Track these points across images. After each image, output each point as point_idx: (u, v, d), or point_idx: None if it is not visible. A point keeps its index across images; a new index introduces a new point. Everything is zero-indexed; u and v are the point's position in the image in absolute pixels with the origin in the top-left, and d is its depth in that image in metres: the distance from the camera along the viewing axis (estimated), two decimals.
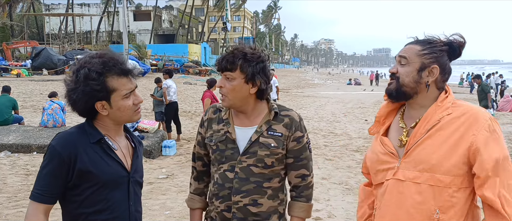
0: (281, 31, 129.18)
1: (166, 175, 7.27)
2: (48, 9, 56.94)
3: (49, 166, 1.71)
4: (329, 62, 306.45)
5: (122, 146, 1.88)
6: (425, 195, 1.68)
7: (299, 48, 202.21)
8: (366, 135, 11.64)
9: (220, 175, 2.05)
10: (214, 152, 2.06)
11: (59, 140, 1.75)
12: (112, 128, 1.84)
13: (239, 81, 1.96)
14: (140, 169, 1.95)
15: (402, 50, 1.82)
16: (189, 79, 33.17)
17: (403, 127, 1.83)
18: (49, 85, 22.66)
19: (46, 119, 9.88)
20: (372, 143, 2.00)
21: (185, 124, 12.46)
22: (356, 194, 6.27)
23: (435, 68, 1.75)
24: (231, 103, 2.01)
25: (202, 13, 73.40)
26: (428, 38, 1.80)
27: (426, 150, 1.69)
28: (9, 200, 5.76)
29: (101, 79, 1.73)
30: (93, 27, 49.81)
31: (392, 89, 1.81)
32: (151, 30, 54.61)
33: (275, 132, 2.03)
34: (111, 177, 1.77)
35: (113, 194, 1.79)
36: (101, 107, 1.77)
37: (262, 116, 2.06)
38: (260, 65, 1.97)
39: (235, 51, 1.97)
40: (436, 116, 1.72)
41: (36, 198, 1.72)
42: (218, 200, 2.05)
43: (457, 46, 1.79)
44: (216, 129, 2.08)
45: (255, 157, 2.00)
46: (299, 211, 2.12)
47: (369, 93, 31.02)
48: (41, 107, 13.28)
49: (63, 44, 43.51)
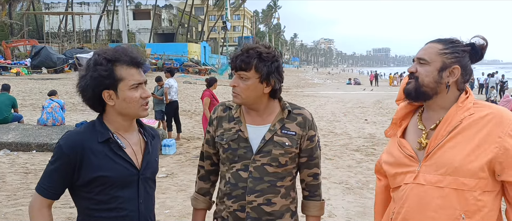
0: (280, 30, 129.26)
1: (165, 174, 7.26)
2: (47, 8, 56.93)
3: (56, 164, 1.72)
4: (328, 62, 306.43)
5: (133, 142, 1.84)
6: (448, 199, 1.62)
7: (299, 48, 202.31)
8: (366, 135, 11.63)
9: (232, 174, 2.01)
10: (226, 151, 2.01)
11: (67, 139, 1.74)
12: (122, 123, 1.81)
13: (253, 81, 1.93)
14: (152, 165, 1.90)
15: (423, 50, 1.75)
16: (188, 79, 33.16)
17: (422, 129, 1.76)
18: (48, 84, 22.64)
19: (45, 117, 9.86)
20: (388, 144, 1.93)
21: (184, 123, 12.44)
22: (357, 193, 6.27)
23: (457, 68, 1.69)
24: (243, 102, 1.99)
25: (201, 12, 73.37)
26: (450, 38, 1.74)
27: (449, 153, 1.63)
28: (8, 199, 5.74)
29: (109, 66, 1.72)
30: (93, 26, 49.81)
31: (411, 89, 1.74)
32: (150, 29, 54.58)
33: (289, 131, 2.01)
34: (119, 176, 1.76)
35: (122, 192, 1.77)
36: (108, 97, 1.74)
37: (275, 114, 2.03)
38: (274, 65, 1.94)
39: (250, 50, 1.92)
40: (458, 117, 1.66)
41: (41, 192, 1.74)
42: (231, 199, 2.01)
43: (479, 48, 1.73)
44: (227, 127, 2.03)
45: (270, 155, 1.97)
46: (314, 210, 2.13)
47: (369, 93, 31.03)
48: (40, 106, 13.26)
49: (62, 43, 43.52)
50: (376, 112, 17.73)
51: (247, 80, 1.93)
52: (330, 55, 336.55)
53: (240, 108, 2.05)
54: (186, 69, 41.16)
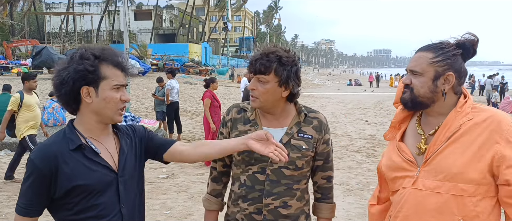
0: (281, 31, 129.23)
1: (166, 175, 7.26)
2: (49, 8, 57.01)
3: (30, 180, 1.64)
4: (329, 62, 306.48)
5: (109, 145, 1.77)
6: (447, 205, 1.61)
7: (300, 49, 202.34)
8: (367, 136, 11.63)
9: (248, 177, 1.99)
10: (242, 153, 1.98)
11: (38, 152, 1.66)
12: (96, 126, 1.73)
13: (272, 84, 1.91)
14: (131, 166, 1.81)
15: (414, 60, 1.73)
16: (189, 79, 33.19)
17: (421, 134, 1.75)
18: (49, 84, 22.63)
19: (46, 117, 9.88)
20: (387, 148, 1.93)
21: (185, 123, 12.45)
22: (357, 195, 6.27)
23: (451, 75, 1.67)
24: (262, 105, 1.98)
25: (202, 12, 73.42)
26: (439, 43, 1.71)
27: (448, 158, 1.62)
28: (9, 199, 5.75)
29: (96, 62, 1.67)
30: (94, 26, 49.86)
31: (407, 99, 1.73)
32: (151, 29, 54.64)
33: (305, 134, 2.02)
34: (97, 183, 1.68)
35: (101, 199, 1.69)
36: (86, 93, 1.67)
37: (291, 118, 2.04)
38: (294, 69, 1.94)
39: (271, 54, 1.90)
40: (456, 122, 1.65)
41: (20, 211, 1.67)
42: (247, 202, 1.99)
43: (470, 45, 1.70)
44: (242, 130, 2.02)
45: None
46: (327, 213, 2.15)
47: (370, 94, 31.02)
48: (41, 106, 13.27)
49: (63, 43, 43.56)
50: (377, 113, 17.73)
51: (266, 84, 1.92)
52: (331, 56, 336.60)
53: (256, 111, 2.04)
54: (187, 70, 41.21)
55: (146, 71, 34.09)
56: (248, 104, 2.07)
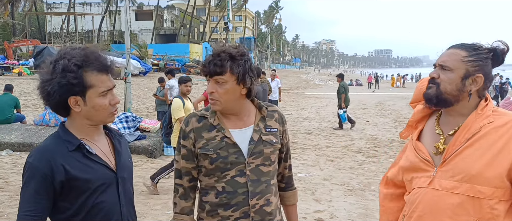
0: (282, 31, 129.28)
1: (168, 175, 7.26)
2: (50, 8, 57.03)
3: (31, 185, 1.60)
4: (330, 63, 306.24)
5: (102, 145, 1.77)
6: (463, 206, 1.61)
7: (300, 49, 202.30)
8: (368, 136, 11.63)
9: (227, 183, 1.94)
10: (215, 161, 1.92)
11: (36, 154, 1.64)
12: (88, 128, 1.73)
13: (231, 84, 1.89)
14: (127, 165, 1.84)
15: (445, 55, 1.72)
16: None
17: (440, 134, 1.75)
18: None
19: (48, 117, 9.89)
20: (405, 148, 1.95)
21: None
22: (358, 195, 6.27)
23: (480, 77, 1.67)
24: (223, 107, 1.95)
25: (203, 13, 73.41)
26: (473, 44, 1.71)
27: (466, 160, 1.62)
28: (11, 199, 5.76)
29: (80, 72, 1.62)
30: (95, 27, 49.90)
31: (432, 95, 1.71)
32: (152, 29, 54.65)
33: (272, 128, 2.03)
34: (98, 182, 1.69)
35: (103, 197, 1.70)
36: (74, 103, 1.66)
37: (253, 115, 2.03)
38: (248, 63, 1.92)
39: (222, 53, 1.88)
40: (477, 124, 1.65)
41: (24, 220, 1.59)
42: (230, 209, 1.93)
43: (500, 53, 1.71)
44: (209, 137, 1.94)
45: (262, 155, 1.97)
46: (294, 199, 2.21)
47: (371, 94, 31.00)
48: (42, 106, 13.28)
49: (64, 43, 43.53)
50: (378, 114, 17.72)
51: (225, 84, 1.89)
52: (331, 56, 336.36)
53: (217, 115, 1.98)
54: (188, 70, 41.20)
55: (147, 72, 34.11)
56: (205, 111, 2.00)
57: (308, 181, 6.98)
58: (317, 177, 7.23)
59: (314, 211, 5.54)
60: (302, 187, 6.48)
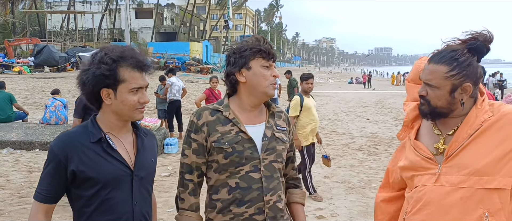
0: (282, 29, 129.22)
1: (168, 173, 7.28)
2: (50, 6, 56.99)
3: (49, 167, 1.71)
4: (330, 61, 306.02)
5: (126, 142, 1.82)
6: (472, 199, 1.63)
7: (301, 47, 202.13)
8: (368, 134, 11.63)
9: (242, 178, 1.91)
10: (230, 155, 1.90)
11: (58, 140, 1.73)
12: (116, 123, 1.79)
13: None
14: (147, 165, 1.86)
15: (427, 74, 1.70)
16: (190, 78, 33.18)
17: (439, 134, 1.76)
18: (50, 82, 22.70)
19: (48, 116, 9.89)
20: (400, 149, 1.95)
21: (186, 122, 12.45)
22: (359, 193, 6.28)
23: (468, 86, 1.66)
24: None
25: (203, 11, 73.38)
26: (452, 53, 1.67)
27: (471, 154, 1.64)
28: (12, 197, 5.77)
29: (114, 66, 1.70)
30: (95, 25, 49.85)
31: (426, 112, 1.73)
32: (152, 28, 54.62)
33: (282, 127, 2.05)
34: (112, 177, 1.73)
35: (115, 193, 1.74)
36: (106, 95, 1.73)
37: (264, 112, 2.05)
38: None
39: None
40: (478, 120, 1.67)
41: (37, 198, 1.73)
42: (244, 205, 1.90)
43: (482, 46, 1.68)
44: (223, 131, 1.92)
45: (275, 152, 1.97)
46: (301, 197, 2.18)
47: (371, 92, 31.00)
48: (43, 105, 13.31)
49: (64, 41, 43.64)
50: (378, 111, 17.72)
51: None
52: (332, 54, 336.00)
53: (231, 109, 1.98)
54: (188, 68, 41.20)
55: (150, 72, 34.10)
56: (218, 105, 2.00)
57: None
58: (317, 174, 7.23)
59: (315, 209, 5.55)
60: (303, 184, 6.49)
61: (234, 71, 1.96)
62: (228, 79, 2.00)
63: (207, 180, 2.02)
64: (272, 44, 2.04)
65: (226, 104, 1.99)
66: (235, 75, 1.96)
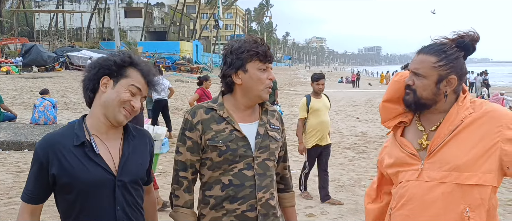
0: (272, 29, 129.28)
1: (159, 172, 7.26)
2: (38, 5, 56.46)
3: (33, 168, 1.72)
4: (320, 60, 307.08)
5: (113, 145, 1.77)
6: (453, 194, 1.67)
7: (291, 46, 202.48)
8: (358, 133, 11.71)
9: (235, 176, 1.94)
10: (224, 153, 1.93)
11: (42, 141, 1.72)
12: (104, 123, 1.75)
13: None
14: (131, 170, 1.78)
15: (415, 63, 1.77)
16: (180, 77, 33.08)
17: (422, 130, 1.81)
18: (39, 82, 22.46)
19: (37, 116, 9.80)
20: (387, 145, 2.00)
21: (177, 121, 12.44)
22: (349, 191, 6.33)
23: (453, 78, 1.73)
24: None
25: (193, 10, 73.20)
26: (441, 46, 1.74)
27: (452, 150, 1.69)
28: (1, 197, 5.72)
29: (128, 62, 1.77)
30: (84, 24, 49.49)
31: (410, 102, 1.78)
32: (142, 27, 54.36)
33: (275, 126, 2.08)
34: (89, 183, 1.68)
35: (95, 200, 1.70)
36: (104, 83, 1.75)
37: (257, 110, 2.07)
38: None
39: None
40: (459, 116, 1.72)
41: (23, 198, 1.74)
42: (237, 202, 1.93)
43: (470, 45, 1.75)
44: (218, 129, 1.95)
45: (268, 150, 2.00)
46: (292, 201, 2.22)
47: (360, 91, 31.16)
48: (31, 105, 13.18)
49: (53, 41, 43.20)
50: (368, 110, 17.84)
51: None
52: (322, 54, 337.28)
53: (225, 108, 2.00)
54: (178, 68, 41.06)
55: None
56: (212, 103, 2.01)
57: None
58: None
59: (305, 207, 5.59)
60: (293, 183, 6.49)
61: (231, 72, 1.97)
62: (224, 80, 2.01)
63: (201, 177, 2.04)
64: (270, 46, 2.06)
65: (221, 102, 2.01)
66: (232, 77, 1.98)
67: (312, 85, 5.91)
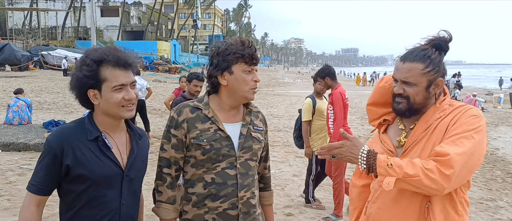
0: (251, 29, 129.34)
1: None
2: (11, 3, 54.98)
3: (44, 160, 1.75)
4: (299, 61, 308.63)
5: (120, 142, 1.87)
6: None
7: (270, 47, 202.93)
8: None
9: (217, 174, 1.99)
10: (208, 152, 1.97)
11: (55, 134, 1.77)
12: (109, 122, 1.84)
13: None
14: (138, 166, 1.92)
15: (405, 71, 1.81)
16: (158, 77, 32.79)
17: (402, 129, 1.91)
18: (12, 82, 21.92)
19: (11, 116, 9.60)
20: (371, 140, 2.10)
21: (155, 121, 12.34)
22: (326, 190, 6.41)
23: (440, 81, 1.82)
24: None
25: (171, 10, 72.65)
26: (424, 52, 1.81)
27: (421, 149, 1.77)
28: None
29: (94, 66, 1.75)
30: (59, 23, 48.49)
31: (403, 110, 1.84)
32: (119, 26, 53.65)
33: (258, 127, 2.14)
34: (103, 175, 1.78)
35: (105, 191, 1.79)
36: (93, 96, 1.78)
37: (241, 111, 2.12)
38: None
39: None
40: (434, 117, 1.80)
41: (30, 189, 1.77)
42: (219, 200, 1.98)
43: (444, 45, 1.83)
44: (203, 128, 1.99)
45: (251, 151, 2.06)
46: (271, 199, 2.30)
47: None
48: (5, 105, 12.88)
49: (27, 39, 42.18)
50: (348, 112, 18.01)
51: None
52: (300, 55, 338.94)
53: (211, 108, 2.04)
54: (156, 68, 40.69)
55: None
56: (198, 103, 2.06)
57: (278, 177, 7.08)
58: (286, 173, 7.33)
59: (284, 206, 5.64)
60: (272, 183, 6.51)
61: (216, 74, 2.02)
62: (210, 81, 2.06)
63: (184, 174, 2.08)
64: (257, 48, 2.11)
65: (206, 102, 2.06)
66: (217, 78, 2.03)
67: (314, 85, 5.48)
